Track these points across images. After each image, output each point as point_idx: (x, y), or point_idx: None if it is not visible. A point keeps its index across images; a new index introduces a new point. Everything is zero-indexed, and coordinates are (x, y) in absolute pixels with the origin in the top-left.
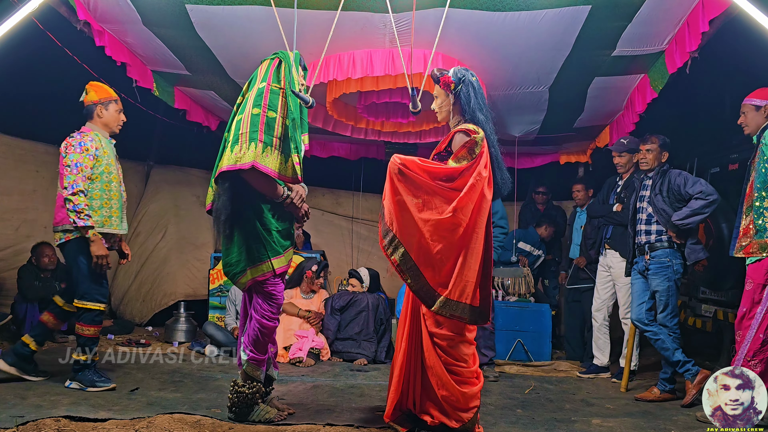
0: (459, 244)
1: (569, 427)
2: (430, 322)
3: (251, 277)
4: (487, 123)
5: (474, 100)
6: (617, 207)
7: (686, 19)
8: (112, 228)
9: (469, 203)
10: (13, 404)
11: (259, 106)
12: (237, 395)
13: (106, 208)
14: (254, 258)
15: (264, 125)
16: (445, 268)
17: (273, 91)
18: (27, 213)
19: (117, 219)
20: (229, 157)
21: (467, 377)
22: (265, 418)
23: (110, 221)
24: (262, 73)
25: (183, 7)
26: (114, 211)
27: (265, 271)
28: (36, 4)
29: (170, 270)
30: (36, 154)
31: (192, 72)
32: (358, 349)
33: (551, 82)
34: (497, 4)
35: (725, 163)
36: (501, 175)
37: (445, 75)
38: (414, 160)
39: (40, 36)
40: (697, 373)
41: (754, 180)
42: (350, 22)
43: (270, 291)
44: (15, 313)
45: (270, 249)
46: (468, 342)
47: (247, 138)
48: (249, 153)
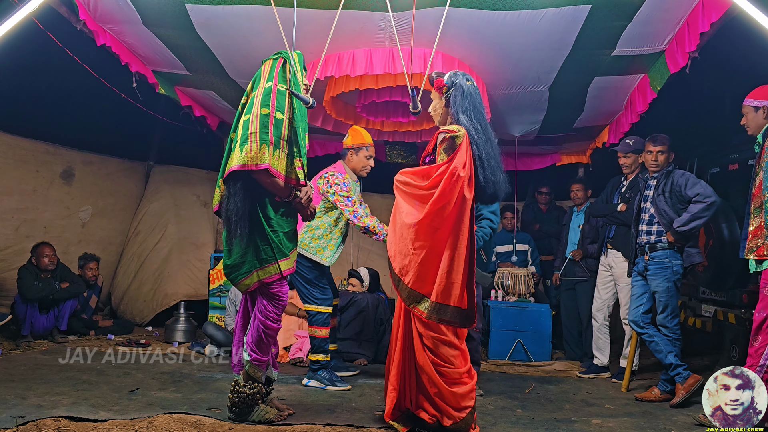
0: (440, 246)
1: (569, 427)
2: (419, 322)
3: (258, 279)
4: (472, 124)
5: (459, 101)
6: (621, 207)
7: (686, 19)
8: (316, 256)
9: (444, 203)
10: (13, 404)
11: (267, 106)
12: (238, 395)
13: (325, 240)
14: (262, 259)
15: (273, 126)
16: (431, 272)
17: (280, 92)
18: (27, 213)
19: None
20: (239, 157)
21: (455, 378)
22: (265, 418)
23: (323, 252)
24: (266, 72)
25: (183, 7)
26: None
27: (273, 273)
28: (36, 4)
29: (171, 270)
30: (36, 154)
31: (192, 72)
32: (358, 349)
33: (551, 81)
34: (497, 4)
35: (725, 163)
36: (485, 175)
37: (439, 78)
38: (409, 169)
39: (40, 36)
40: (688, 377)
41: (762, 179)
42: (350, 21)
43: (276, 293)
44: (15, 313)
45: (277, 250)
46: (450, 344)
47: (257, 138)
48: (261, 154)
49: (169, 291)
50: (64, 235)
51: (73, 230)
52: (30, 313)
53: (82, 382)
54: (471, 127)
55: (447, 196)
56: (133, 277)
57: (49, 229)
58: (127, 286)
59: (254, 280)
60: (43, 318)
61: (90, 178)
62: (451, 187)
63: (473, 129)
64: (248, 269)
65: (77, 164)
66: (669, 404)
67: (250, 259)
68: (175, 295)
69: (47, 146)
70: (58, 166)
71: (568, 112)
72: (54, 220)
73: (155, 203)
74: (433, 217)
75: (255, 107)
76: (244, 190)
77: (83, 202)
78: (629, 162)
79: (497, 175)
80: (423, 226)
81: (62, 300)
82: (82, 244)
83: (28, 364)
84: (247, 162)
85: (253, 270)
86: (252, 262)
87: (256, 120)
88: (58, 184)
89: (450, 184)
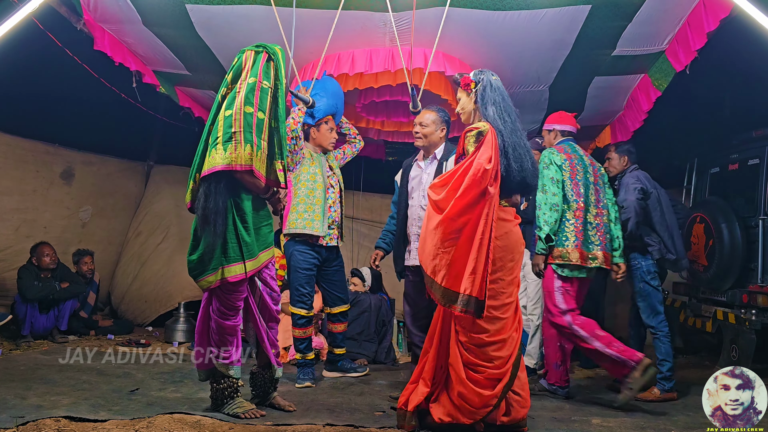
0: (467, 244)
1: (569, 427)
2: (456, 321)
3: (222, 276)
4: (500, 115)
5: (489, 94)
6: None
7: (687, 19)
8: (306, 229)
9: (470, 197)
10: (13, 404)
11: (251, 105)
12: (212, 390)
13: (309, 212)
14: (229, 257)
15: (256, 127)
16: (461, 268)
17: (263, 90)
18: (27, 213)
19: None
20: (223, 156)
21: (484, 381)
22: (234, 411)
23: (312, 224)
24: (249, 65)
25: (183, 6)
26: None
27: (237, 273)
28: (36, 4)
29: (174, 271)
30: (36, 154)
31: (192, 72)
32: (358, 349)
33: (551, 81)
34: (497, 4)
35: (725, 163)
36: (508, 164)
37: (465, 76)
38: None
39: (39, 36)
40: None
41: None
42: (350, 20)
43: (231, 293)
44: (15, 313)
45: (246, 250)
46: (492, 343)
47: (242, 138)
48: (246, 154)
49: (174, 292)
50: (64, 236)
51: (73, 230)
52: (30, 313)
53: (82, 382)
54: (498, 118)
55: (472, 189)
56: (134, 277)
57: (50, 229)
58: (127, 286)
59: (218, 278)
60: (43, 318)
61: (90, 179)
62: (478, 181)
63: (500, 120)
64: (215, 266)
65: (77, 164)
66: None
67: (217, 256)
68: (180, 297)
69: (47, 146)
70: (58, 166)
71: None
72: (54, 221)
73: (157, 204)
74: (458, 213)
75: (238, 103)
76: (225, 189)
77: (83, 202)
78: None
79: (524, 162)
80: (446, 221)
81: (62, 300)
82: (82, 245)
83: (28, 364)
84: (232, 162)
85: (219, 267)
86: (219, 259)
87: (240, 118)
88: (58, 185)
89: (475, 179)
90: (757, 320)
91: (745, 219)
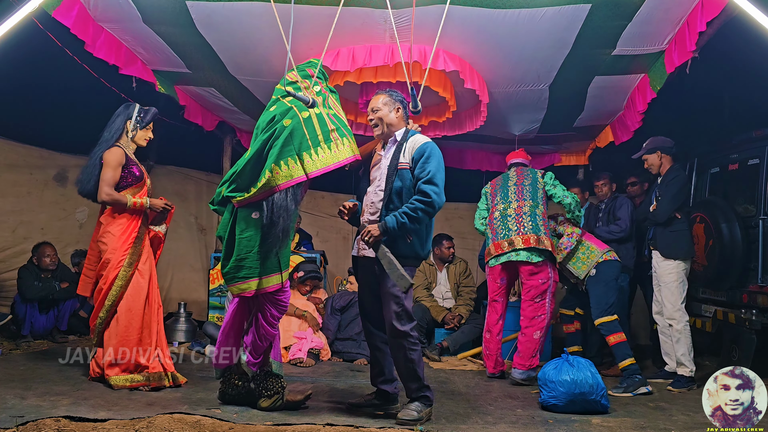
0: None
1: (569, 427)
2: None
3: (261, 286)
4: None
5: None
6: (653, 207)
7: (686, 19)
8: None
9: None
10: (13, 404)
11: None
12: (232, 387)
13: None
14: (267, 268)
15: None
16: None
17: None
18: (23, 215)
19: None
20: (336, 154)
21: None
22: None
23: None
24: (328, 93)
25: (183, 4)
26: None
27: (275, 283)
28: (36, 4)
29: (174, 272)
30: (29, 158)
31: (192, 70)
32: (358, 350)
33: (551, 80)
34: (497, 2)
35: (725, 163)
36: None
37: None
38: None
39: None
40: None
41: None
42: (350, 17)
43: (279, 299)
44: (15, 313)
45: (283, 261)
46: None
47: (338, 135)
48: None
49: (176, 294)
50: (61, 236)
51: (70, 231)
52: (30, 313)
53: (82, 382)
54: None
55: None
56: None
57: (47, 230)
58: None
59: (252, 288)
60: (43, 318)
61: None
62: None
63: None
64: (249, 275)
65: (71, 168)
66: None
67: (254, 265)
68: (178, 297)
69: (41, 151)
70: (51, 169)
71: (568, 111)
72: (50, 222)
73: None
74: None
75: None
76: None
77: (79, 203)
78: (651, 161)
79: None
80: None
81: (62, 300)
82: (80, 245)
83: (28, 364)
84: (338, 159)
85: (255, 277)
86: (255, 269)
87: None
88: (52, 186)
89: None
90: (757, 320)
91: (745, 219)
